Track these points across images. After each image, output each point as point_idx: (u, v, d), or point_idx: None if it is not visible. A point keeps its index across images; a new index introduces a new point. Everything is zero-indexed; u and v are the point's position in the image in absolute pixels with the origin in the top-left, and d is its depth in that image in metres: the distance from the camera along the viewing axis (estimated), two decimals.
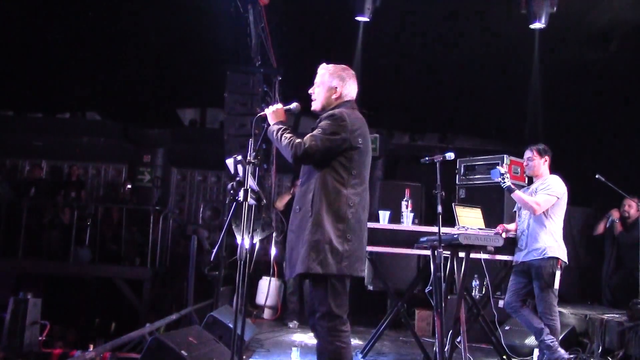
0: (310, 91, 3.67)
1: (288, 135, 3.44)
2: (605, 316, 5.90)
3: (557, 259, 5.03)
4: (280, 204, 7.89)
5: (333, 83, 3.58)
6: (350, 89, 3.62)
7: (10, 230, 9.83)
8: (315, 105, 3.64)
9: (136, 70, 10.18)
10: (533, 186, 5.30)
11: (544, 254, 5.02)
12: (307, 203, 3.38)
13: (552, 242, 5.05)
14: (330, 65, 3.66)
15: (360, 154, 3.44)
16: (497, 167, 5.30)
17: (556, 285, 5.02)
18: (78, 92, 11.50)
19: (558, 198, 5.11)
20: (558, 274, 5.01)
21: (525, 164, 5.38)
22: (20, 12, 8.61)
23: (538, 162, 5.28)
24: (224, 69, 7.64)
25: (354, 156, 3.41)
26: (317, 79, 3.65)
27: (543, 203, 5.07)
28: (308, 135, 3.38)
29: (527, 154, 5.34)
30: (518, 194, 5.15)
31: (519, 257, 5.22)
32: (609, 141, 9.24)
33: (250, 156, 3.55)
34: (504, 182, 5.15)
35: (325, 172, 3.39)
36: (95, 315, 10.00)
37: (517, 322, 5.53)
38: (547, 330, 4.97)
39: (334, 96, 3.58)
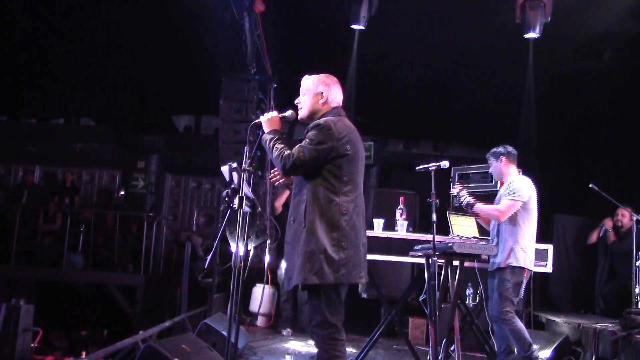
0: (296, 101, 3.69)
1: (279, 147, 3.45)
2: (599, 325, 5.91)
3: (523, 268, 4.92)
4: (279, 202, 7.85)
5: (319, 89, 3.61)
6: (336, 94, 3.64)
7: (3, 236, 9.78)
8: (302, 113, 3.65)
9: (131, 76, 10.18)
10: (500, 192, 5.23)
11: (509, 263, 4.90)
12: (301, 214, 3.39)
13: (519, 250, 4.93)
14: (313, 75, 3.69)
15: (350, 160, 3.44)
16: (451, 190, 5.23)
17: (520, 294, 4.95)
18: (72, 97, 11.48)
19: (523, 202, 4.97)
20: (523, 283, 4.94)
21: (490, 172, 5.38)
22: (14, 17, 8.61)
23: (496, 166, 5.22)
24: (219, 76, 7.65)
25: (343, 164, 3.41)
26: (302, 88, 3.67)
27: (505, 209, 4.95)
28: (296, 147, 3.40)
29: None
30: (479, 207, 5.06)
31: (493, 264, 5.07)
32: (602, 150, 9.28)
33: (245, 163, 3.55)
34: (462, 201, 5.10)
35: (316, 181, 3.40)
36: (88, 322, 9.96)
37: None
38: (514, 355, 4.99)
39: (320, 101, 3.60)
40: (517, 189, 5.00)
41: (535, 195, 5.07)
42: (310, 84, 3.65)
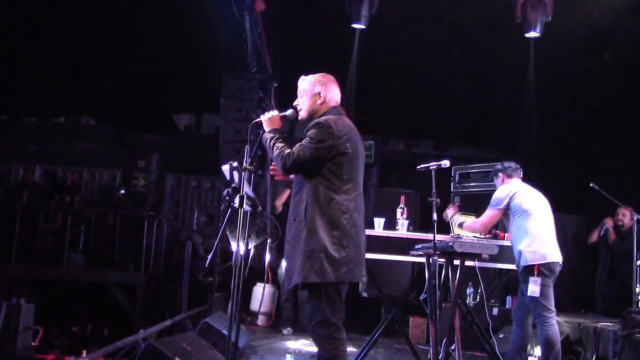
0: (295, 103, 3.69)
1: (279, 145, 3.45)
2: (599, 325, 5.91)
3: (532, 266, 5.00)
4: (279, 202, 7.85)
5: (316, 89, 3.61)
6: (334, 93, 3.65)
7: (3, 235, 9.77)
8: (302, 115, 3.65)
9: (132, 75, 10.18)
10: None
11: (521, 265, 5.06)
12: (301, 213, 3.39)
13: (525, 250, 5.04)
14: (309, 75, 3.69)
15: (350, 159, 3.45)
16: (446, 210, 5.36)
17: (532, 290, 4.97)
18: (73, 96, 11.48)
19: (500, 209, 5.15)
20: (538, 279, 4.98)
21: None
22: (15, 16, 8.60)
23: (497, 183, 5.45)
24: (219, 75, 7.66)
25: (343, 162, 3.42)
26: (299, 90, 3.68)
27: (484, 220, 5.21)
28: (297, 145, 3.41)
29: None
30: (465, 225, 5.26)
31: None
32: (603, 150, 9.28)
33: (245, 162, 3.55)
34: (455, 223, 5.26)
35: (316, 180, 3.40)
36: (89, 320, 9.94)
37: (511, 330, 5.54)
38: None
39: (318, 101, 3.60)
40: (493, 199, 5.25)
41: (519, 195, 5.16)
42: (306, 85, 3.65)
